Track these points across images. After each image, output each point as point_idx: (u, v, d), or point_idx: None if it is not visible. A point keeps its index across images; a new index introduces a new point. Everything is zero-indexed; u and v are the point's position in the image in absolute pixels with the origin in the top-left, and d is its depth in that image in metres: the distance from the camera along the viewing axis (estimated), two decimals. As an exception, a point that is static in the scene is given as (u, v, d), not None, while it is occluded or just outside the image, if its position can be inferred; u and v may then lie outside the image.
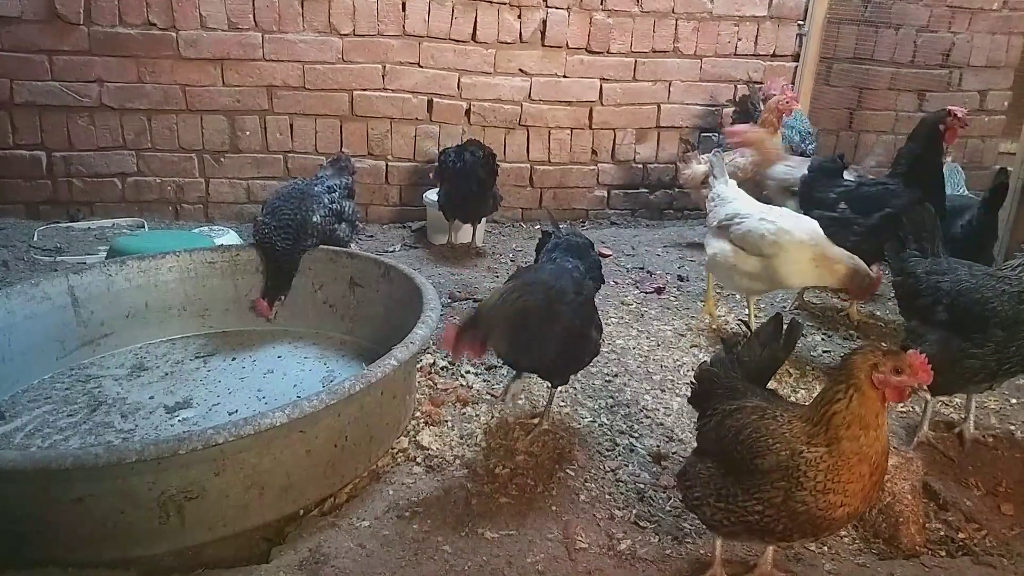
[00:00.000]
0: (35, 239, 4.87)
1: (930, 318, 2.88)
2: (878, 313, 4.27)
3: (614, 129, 5.92)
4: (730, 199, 3.83)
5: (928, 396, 1.91)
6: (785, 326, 2.37)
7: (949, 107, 3.74)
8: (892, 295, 3.65)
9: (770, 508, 1.98)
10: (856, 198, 3.93)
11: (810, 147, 5.47)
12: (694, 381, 2.45)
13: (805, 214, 3.81)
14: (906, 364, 1.88)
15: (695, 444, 2.36)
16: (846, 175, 4.26)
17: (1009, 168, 4.22)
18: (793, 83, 5.97)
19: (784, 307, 4.26)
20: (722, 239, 3.73)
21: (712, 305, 4.08)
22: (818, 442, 1.92)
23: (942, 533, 2.57)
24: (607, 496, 2.64)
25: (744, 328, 3.58)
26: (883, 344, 1.96)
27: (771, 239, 3.49)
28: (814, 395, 2.19)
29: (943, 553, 2.48)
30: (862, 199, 3.90)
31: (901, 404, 2.86)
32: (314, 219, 3.77)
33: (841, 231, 3.72)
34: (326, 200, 3.92)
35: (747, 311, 3.82)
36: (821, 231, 3.56)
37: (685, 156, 5.47)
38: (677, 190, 6.09)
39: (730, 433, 2.11)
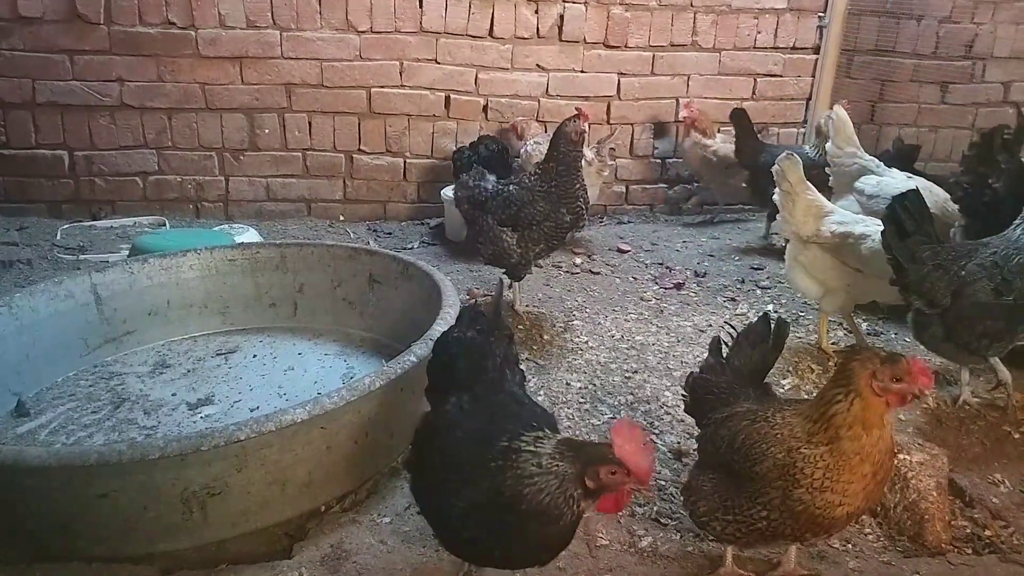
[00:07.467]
0: (58, 238, 4.92)
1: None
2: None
3: (632, 124, 5.89)
4: (828, 208, 3.52)
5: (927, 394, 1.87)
6: (773, 325, 2.35)
7: None
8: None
9: (773, 511, 1.95)
10: None
11: None
12: (685, 392, 2.43)
13: None
14: (904, 371, 1.83)
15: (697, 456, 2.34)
16: None
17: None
18: (814, 76, 5.92)
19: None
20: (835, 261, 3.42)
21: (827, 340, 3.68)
22: (818, 440, 1.89)
23: (968, 530, 2.54)
24: (628, 493, 2.63)
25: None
26: (881, 351, 1.91)
27: None
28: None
29: (969, 551, 2.46)
30: None
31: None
32: None
33: None
34: None
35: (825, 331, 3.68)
36: None
37: None
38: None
39: (724, 443, 2.09)
